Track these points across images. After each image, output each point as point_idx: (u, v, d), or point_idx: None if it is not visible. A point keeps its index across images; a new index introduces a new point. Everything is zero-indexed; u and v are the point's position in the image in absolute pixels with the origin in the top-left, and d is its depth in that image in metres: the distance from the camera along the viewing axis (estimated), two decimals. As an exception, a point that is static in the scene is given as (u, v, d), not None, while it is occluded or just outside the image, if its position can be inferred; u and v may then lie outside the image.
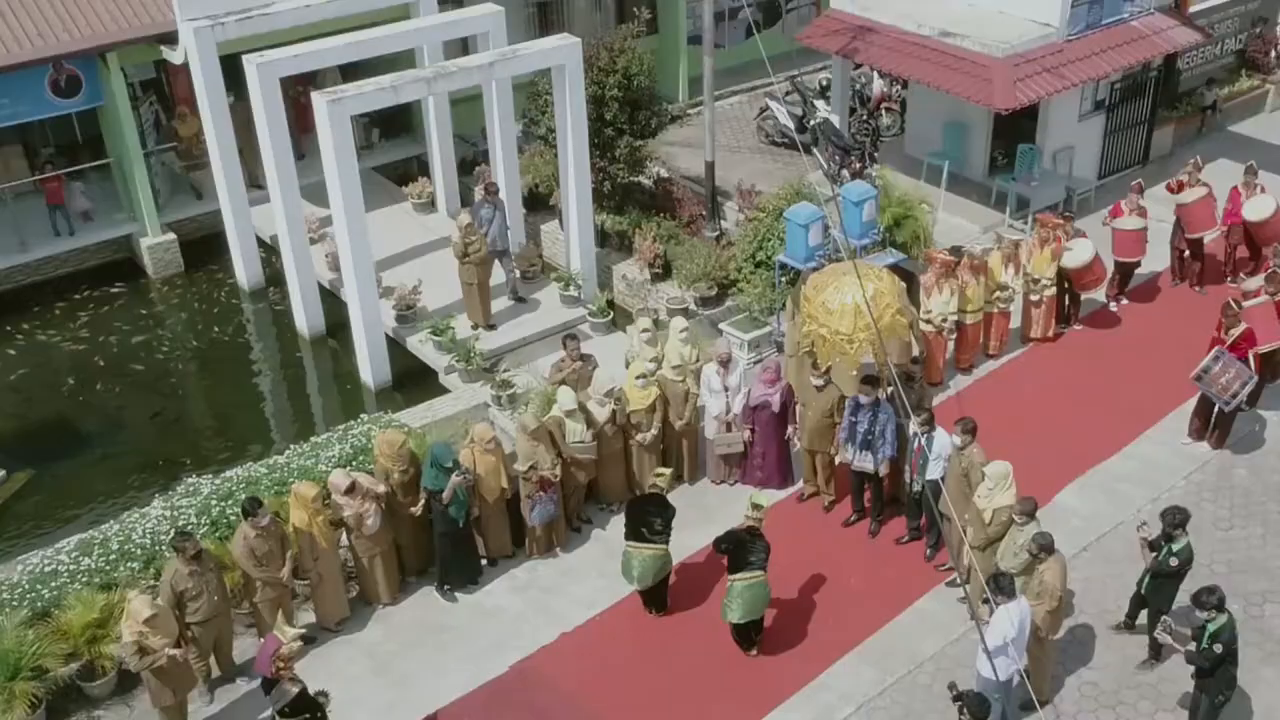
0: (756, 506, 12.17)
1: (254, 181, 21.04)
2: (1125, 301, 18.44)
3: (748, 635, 12.59)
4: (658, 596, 13.12)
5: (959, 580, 13.38)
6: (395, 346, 18.53)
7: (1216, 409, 15.10)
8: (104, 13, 19.86)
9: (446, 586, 13.52)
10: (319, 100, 16.48)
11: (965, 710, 10.17)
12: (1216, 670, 10.78)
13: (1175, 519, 11.81)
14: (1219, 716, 11.18)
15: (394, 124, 24.27)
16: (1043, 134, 20.89)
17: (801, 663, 12.53)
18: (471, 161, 23.18)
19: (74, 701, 12.24)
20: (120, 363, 19.33)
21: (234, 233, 20.59)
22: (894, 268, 16.37)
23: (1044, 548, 11.42)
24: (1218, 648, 10.64)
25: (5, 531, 15.76)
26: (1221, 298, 17.57)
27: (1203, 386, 14.84)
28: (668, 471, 13.32)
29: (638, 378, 14.24)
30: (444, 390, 17.51)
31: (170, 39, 19.87)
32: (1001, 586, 10.91)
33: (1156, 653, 12.37)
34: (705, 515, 14.41)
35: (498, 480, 13.34)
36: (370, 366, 18.04)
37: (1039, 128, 20.91)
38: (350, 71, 20.47)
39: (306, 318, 19.38)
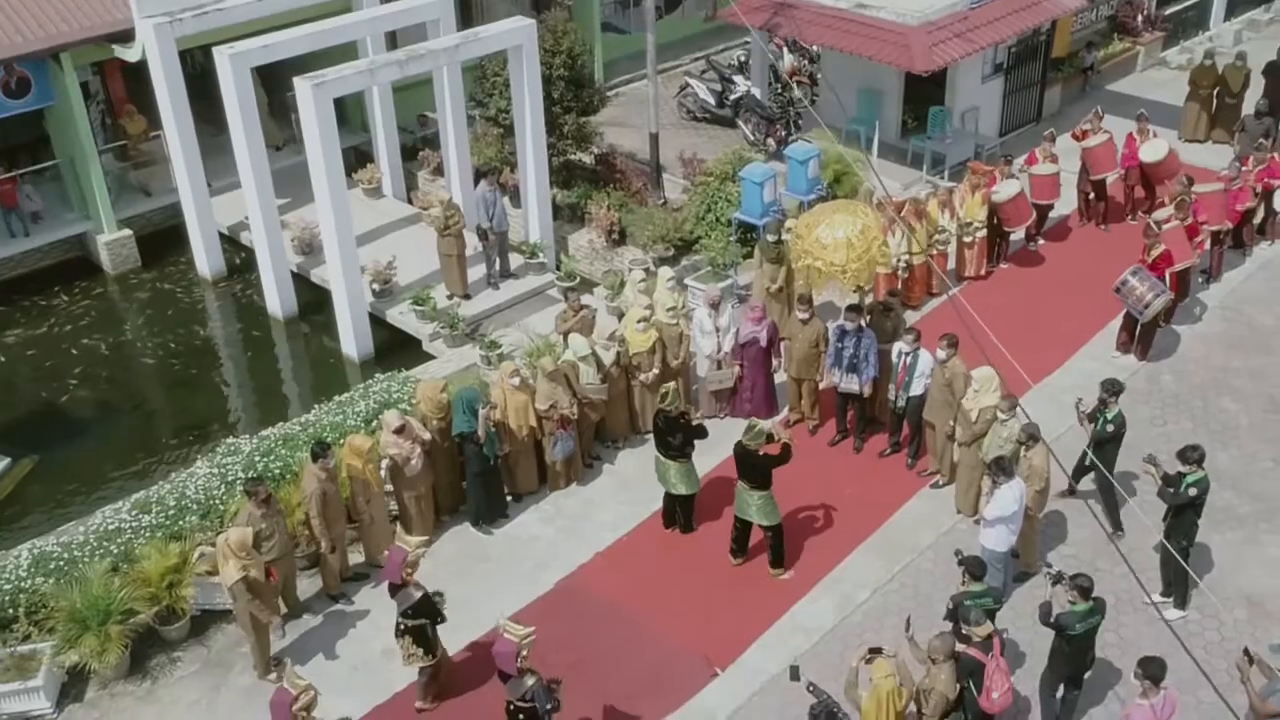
0: (753, 431, 13.29)
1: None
2: (1042, 241, 20.34)
3: (744, 540, 13.92)
4: (685, 513, 14.38)
5: (942, 482, 14.99)
6: (372, 320, 19.41)
7: (1140, 324, 17.02)
8: (54, 14, 20.27)
9: (481, 523, 14.59)
10: (303, 85, 17.33)
11: (967, 572, 11.68)
12: (1184, 512, 12.55)
13: (1111, 388, 13.81)
14: (1186, 563, 12.94)
15: (328, 117, 24.94)
16: (952, 96, 22.75)
17: (817, 560, 13.95)
18: (412, 148, 24.12)
19: (152, 646, 13.00)
20: (99, 355, 19.85)
21: (195, 224, 21.17)
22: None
23: (1031, 436, 13.06)
24: (1191, 491, 12.42)
25: (23, 514, 16.24)
26: (1123, 234, 19.74)
27: (1121, 296, 16.70)
28: (671, 386, 14.26)
29: (638, 322, 15.49)
30: (429, 357, 18.48)
31: (124, 37, 20.41)
32: (1003, 467, 12.52)
33: (1117, 524, 14.16)
34: (703, 445, 15.68)
35: (526, 419, 14.47)
36: (354, 340, 18.91)
37: (948, 90, 22.76)
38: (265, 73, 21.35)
39: (280, 300, 20.10)
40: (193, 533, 13.41)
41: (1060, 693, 11.68)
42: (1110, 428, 13.81)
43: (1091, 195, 20.73)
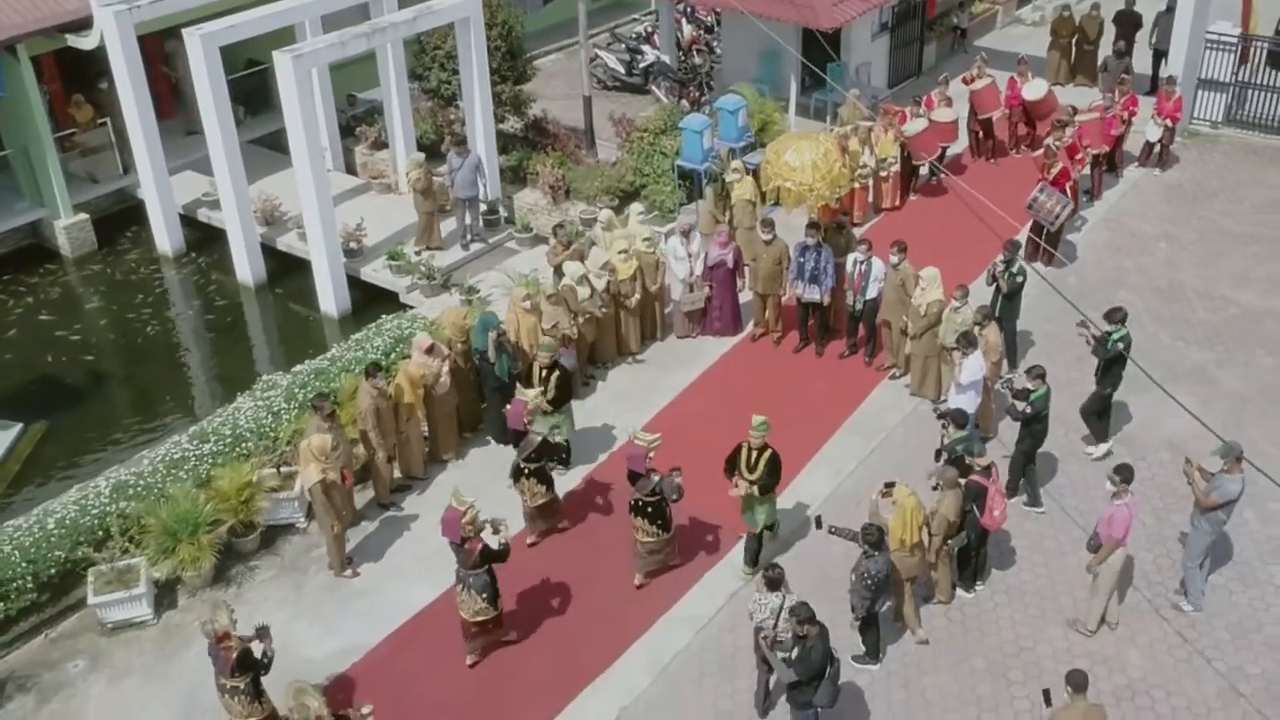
0: (757, 426, 13.29)
1: (126, 169, 23.14)
2: (943, 176, 22.78)
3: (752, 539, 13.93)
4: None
5: (898, 373, 17.17)
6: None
7: (1045, 233, 19.51)
8: (7, 6, 20.96)
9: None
10: (282, 58, 18.62)
11: (949, 423, 13.75)
12: (1112, 367, 14.96)
13: (1012, 247, 16.68)
14: (1108, 408, 15.50)
15: (257, 101, 26.03)
16: (847, 53, 25.06)
17: (805, 440, 15.87)
18: (346, 126, 25.35)
19: (229, 559, 14.27)
20: (82, 330, 20.74)
21: (155, 203, 22.10)
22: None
23: (986, 316, 15.33)
24: (1119, 346, 14.83)
25: (45, 475, 17.18)
26: (1009, 166, 22.32)
27: (1033, 211, 19.14)
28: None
29: (619, 253, 17.28)
30: (407, 307, 19.87)
31: (78, 26, 21.22)
32: (970, 340, 14.72)
33: (1013, 364, 16.83)
34: (680, 363, 17.80)
35: (536, 338, 16.13)
36: (334, 297, 20.21)
37: (843, 48, 25.04)
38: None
39: (250, 269, 21.23)
40: (255, 454, 14.73)
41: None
42: (1020, 279, 16.55)
43: (980, 134, 23.28)
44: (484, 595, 12.30)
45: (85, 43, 21.37)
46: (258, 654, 11.36)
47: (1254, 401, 16.62)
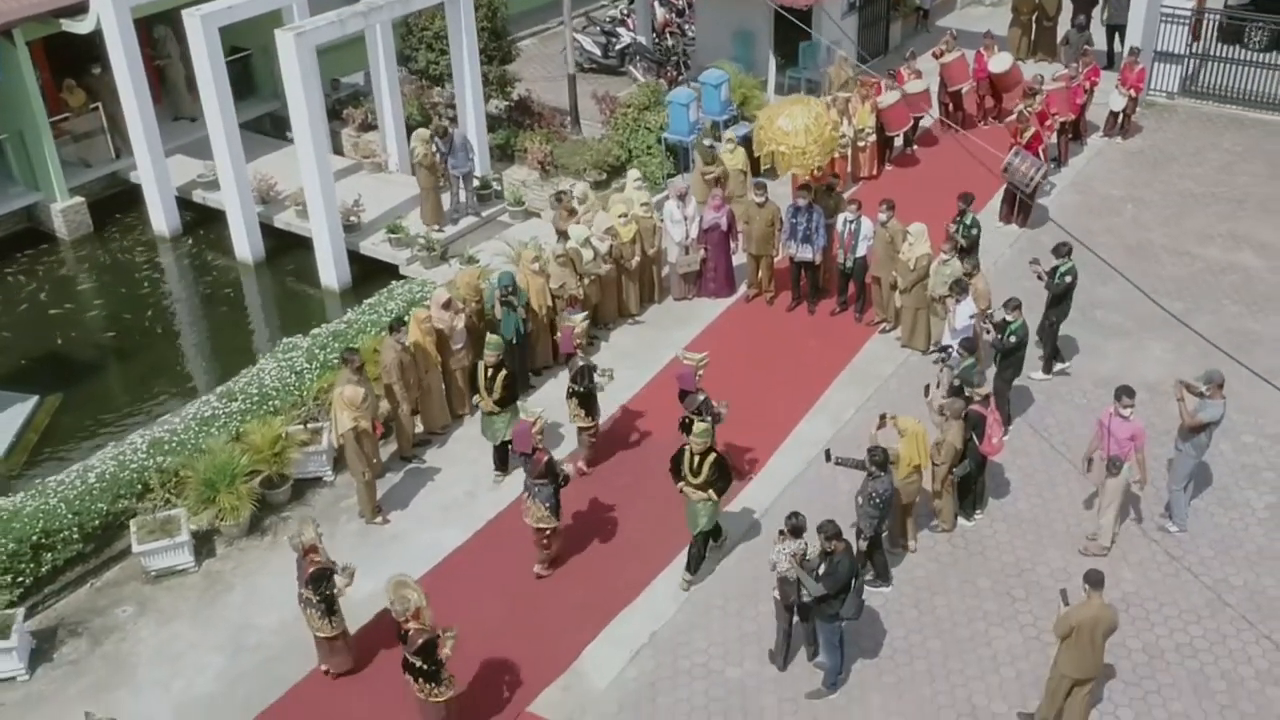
0: (700, 431, 13.10)
1: (117, 154, 23.65)
2: (916, 147, 23.70)
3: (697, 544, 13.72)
4: (502, 456, 15.40)
5: (888, 327, 18.02)
6: (341, 253, 21.33)
7: (1018, 198, 20.45)
8: (3, -8, 21.38)
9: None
10: (284, 36, 19.16)
11: (956, 352, 14.50)
12: (1062, 300, 15.95)
13: (966, 200, 17.78)
14: (1057, 335, 16.57)
15: (240, 86, 26.34)
16: (818, 31, 25.91)
17: (803, 392, 16.75)
18: (330, 109, 25.83)
19: (261, 511, 14.82)
20: (87, 308, 21.13)
21: (153, 185, 22.50)
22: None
23: (976, 266, 16.21)
24: (1067, 279, 15.82)
25: (63, 445, 17.58)
26: (978, 136, 23.17)
27: (1008, 176, 20.08)
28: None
29: (619, 217, 18.01)
30: (406, 279, 20.40)
31: (74, 11, 21.60)
32: (963, 287, 15.61)
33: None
34: (678, 321, 18.60)
35: (544, 299, 16.84)
36: (335, 271, 20.75)
37: (814, 27, 25.90)
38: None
39: (250, 246, 21.72)
40: (282, 411, 15.32)
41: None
42: (975, 230, 17.60)
43: (950, 105, 24.23)
44: (546, 505, 13.25)
45: (80, 27, 21.73)
46: (328, 583, 11.96)
47: (1222, 345, 17.57)
